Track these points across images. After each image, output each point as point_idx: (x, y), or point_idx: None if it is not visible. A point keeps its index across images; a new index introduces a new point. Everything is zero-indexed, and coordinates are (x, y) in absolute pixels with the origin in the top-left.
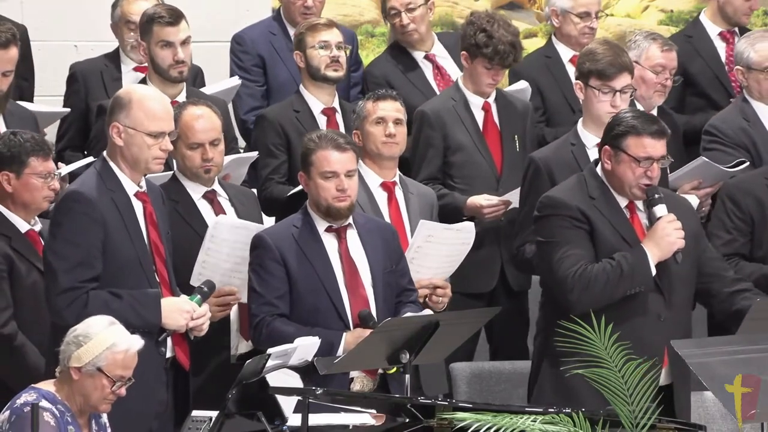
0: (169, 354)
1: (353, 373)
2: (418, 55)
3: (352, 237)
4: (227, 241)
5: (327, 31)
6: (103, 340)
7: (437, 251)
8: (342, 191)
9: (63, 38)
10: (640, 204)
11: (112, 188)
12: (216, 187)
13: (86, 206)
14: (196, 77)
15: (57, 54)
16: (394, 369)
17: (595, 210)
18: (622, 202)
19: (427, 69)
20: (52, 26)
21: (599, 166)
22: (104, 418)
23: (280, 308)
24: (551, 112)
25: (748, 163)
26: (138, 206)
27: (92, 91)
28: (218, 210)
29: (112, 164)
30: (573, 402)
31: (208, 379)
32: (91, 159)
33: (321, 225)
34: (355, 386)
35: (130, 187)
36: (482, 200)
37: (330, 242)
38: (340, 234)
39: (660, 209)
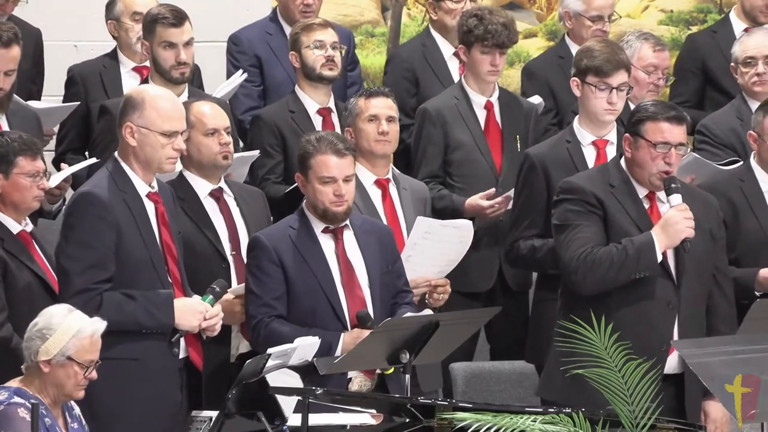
0: (182, 354)
1: (351, 373)
2: (447, 51)
3: (349, 238)
4: None
5: (322, 31)
6: (68, 329)
7: (434, 249)
8: (340, 196)
9: (63, 38)
10: (662, 196)
11: (124, 189)
12: (222, 184)
13: (100, 208)
14: (193, 76)
15: (57, 54)
16: (392, 369)
17: (612, 198)
18: (642, 192)
19: (454, 65)
20: (52, 26)
21: (622, 157)
22: (77, 410)
23: (277, 309)
24: (564, 112)
25: (741, 162)
26: (150, 207)
27: (91, 92)
28: (224, 208)
29: (123, 165)
30: (580, 386)
31: (216, 378)
32: (93, 160)
33: (318, 226)
34: (353, 386)
35: (142, 188)
36: (482, 201)
37: (327, 243)
38: (336, 235)
39: (675, 198)
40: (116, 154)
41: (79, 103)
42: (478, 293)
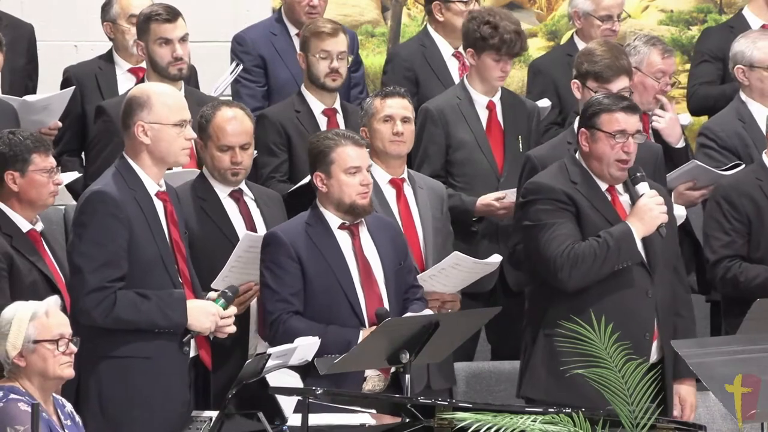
0: (192, 353)
1: (367, 372)
2: (447, 51)
3: (364, 234)
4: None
5: (330, 41)
6: (23, 317)
7: (458, 276)
8: (366, 186)
9: (63, 38)
10: (620, 188)
11: (134, 188)
12: (243, 186)
13: (112, 206)
14: (190, 77)
15: (57, 54)
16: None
17: (578, 193)
18: (603, 186)
19: (453, 65)
20: (52, 26)
21: (578, 152)
22: (69, 407)
23: (295, 305)
24: (568, 111)
25: (743, 166)
26: (159, 205)
27: (87, 94)
28: (243, 209)
29: (133, 164)
30: (565, 383)
31: (226, 378)
32: (76, 175)
33: (334, 222)
34: (367, 386)
35: (152, 186)
36: (495, 202)
37: (344, 239)
38: (353, 231)
39: (642, 187)
40: (124, 153)
41: (74, 87)
42: (479, 293)
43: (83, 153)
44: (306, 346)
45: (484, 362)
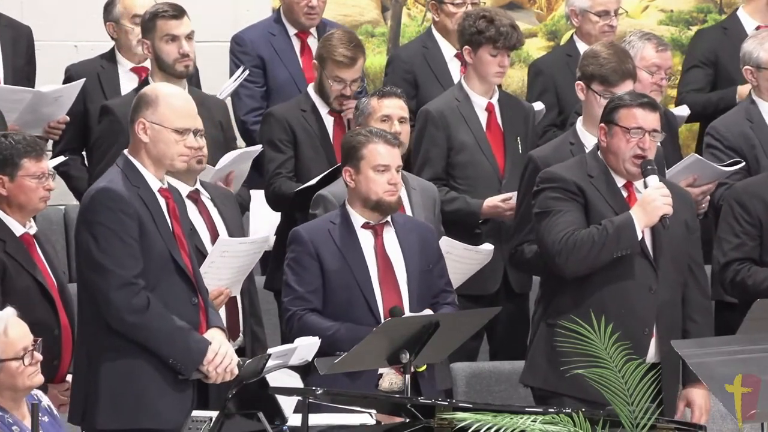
0: None
1: (382, 370)
2: (449, 52)
3: (389, 235)
4: (234, 258)
5: (346, 71)
6: None
7: (451, 267)
8: (393, 185)
9: (63, 38)
10: (639, 186)
11: (137, 184)
12: (198, 186)
13: (120, 203)
14: (192, 77)
15: (57, 54)
16: (424, 367)
17: (591, 187)
18: (620, 182)
19: (454, 67)
20: (52, 26)
21: (599, 149)
22: (45, 401)
23: (312, 303)
24: (568, 111)
25: (744, 163)
26: (162, 202)
27: (90, 93)
28: (203, 210)
29: (134, 161)
30: (563, 373)
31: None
32: (62, 158)
33: (358, 221)
34: (384, 383)
35: (154, 183)
36: (502, 203)
37: (366, 238)
38: (376, 231)
39: (652, 179)
40: (126, 151)
41: (84, 79)
42: (483, 296)
43: (86, 152)
44: (306, 346)
45: (484, 362)
